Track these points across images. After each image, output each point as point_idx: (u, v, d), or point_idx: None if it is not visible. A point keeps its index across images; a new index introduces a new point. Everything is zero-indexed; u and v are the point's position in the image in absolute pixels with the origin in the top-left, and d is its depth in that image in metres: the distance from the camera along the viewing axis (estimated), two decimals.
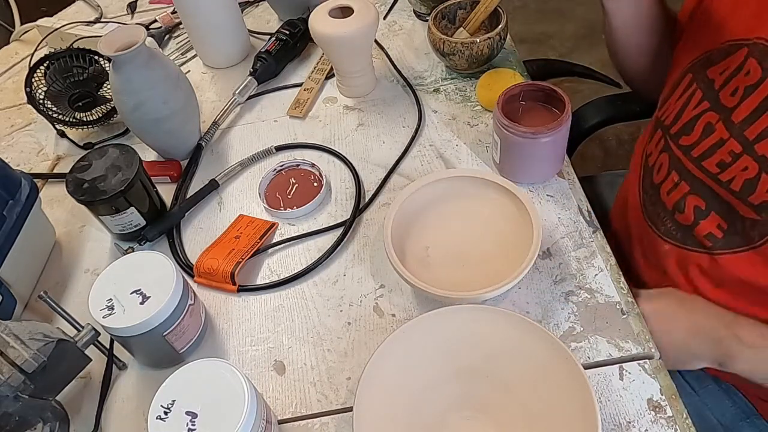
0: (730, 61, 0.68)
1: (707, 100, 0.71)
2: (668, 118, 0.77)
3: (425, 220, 0.74)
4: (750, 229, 0.66)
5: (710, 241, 0.71)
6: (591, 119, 1.01)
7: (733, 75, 0.68)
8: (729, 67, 0.68)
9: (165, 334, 0.64)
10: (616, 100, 1.02)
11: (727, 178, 0.67)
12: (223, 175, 0.87)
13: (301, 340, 0.70)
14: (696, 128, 0.72)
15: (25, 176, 0.78)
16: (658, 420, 0.59)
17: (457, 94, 0.93)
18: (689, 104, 0.73)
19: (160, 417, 0.52)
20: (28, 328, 0.59)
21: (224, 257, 0.75)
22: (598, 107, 1.02)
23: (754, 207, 0.65)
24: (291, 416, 0.64)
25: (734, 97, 0.67)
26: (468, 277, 0.69)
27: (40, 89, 0.93)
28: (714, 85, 0.70)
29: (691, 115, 0.73)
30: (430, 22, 0.91)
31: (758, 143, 0.64)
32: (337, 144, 0.90)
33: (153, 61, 0.80)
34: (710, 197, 0.70)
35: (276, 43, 1.01)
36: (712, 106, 0.70)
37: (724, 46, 0.70)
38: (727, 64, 0.69)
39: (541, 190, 0.79)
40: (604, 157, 1.85)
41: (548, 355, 0.58)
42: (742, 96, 0.66)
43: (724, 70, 0.69)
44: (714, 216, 0.70)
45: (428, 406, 0.61)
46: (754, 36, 0.66)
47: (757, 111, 0.64)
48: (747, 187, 0.65)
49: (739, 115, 0.66)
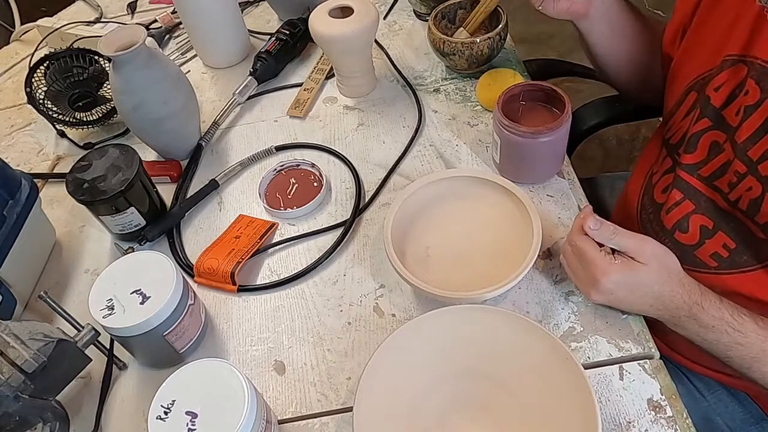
0: (729, 80, 0.68)
1: (709, 118, 0.70)
2: (674, 137, 0.76)
3: (425, 220, 0.74)
4: (759, 249, 0.66)
5: (716, 261, 0.70)
6: (589, 121, 1.00)
7: (734, 93, 0.67)
8: (726, 84, 0.68)
9: (165, 334, 0.64)
10: (614, 101, 1.02)
11: (735, 197, 0.67)
12: (223, 175, 0.87)
13: (301, 340, 0.70)
14: (700, 147, 0.71)
15: (25, 176, 0.78)
16: (658, 420, 0.59)
17: (457, 94, 0.93)
18: (695, 123, 0.72)
19: (160, 417, 0.52)
20: (28, 328, 0.59)
21: (224, 257, 0.75)
22: (595, 109, 1.02)
23: (760, 226, 0.65)
24: (291, 416, 0.64)
25: (737, 117, 0.67)
26: (468, 277, 0.69)
27: (40, 89, 0.93)
28: (714, 103, 0.69)
29: (695, 132, 0.72)
30: (430, 22, 0.91)
31: (761, 164, 0.63)
32: (337, 144, 0.90)
33: (153, 61, 0.80)
34: (719, 217, 0.69)
35: (276, 43, 1.01)
36: (716, 125, 0.69)
37: (724, 62, 0.69)
38: (724, 80, 0.69)
39: (541, 190, 0.79)
40: (604, 157, 1.85)
41: (548, 355, 0.58)
42: (743, 116, 0.66)
43: (719, 87, 0.69)
44: (721, 235, 0.70)
45: (428, 406, 0.61)
46: (751, 55, 0.66)
47: (759, 132, 0.64)
48: (752, 206, 0.65)
49: (742, 136, 0.66)
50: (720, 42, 0.70)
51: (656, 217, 0.77)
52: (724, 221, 0.69)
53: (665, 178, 0.77)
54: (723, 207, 0.69)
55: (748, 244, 0.67)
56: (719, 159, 0.69)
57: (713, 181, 0.70)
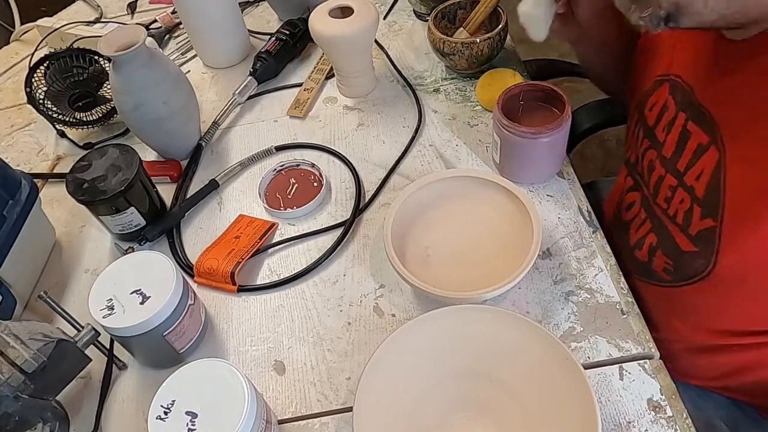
0: (657, 98, 0.71)
1: (647, 137, 0.73)
2: (631, 156, 0.78)
3: (425, 220, 0.74)
4: (693, 261, 0.65)
5: (668, 275, 0.70)
6: (584, 123, 1.00)
7: (661, 111, 0.70)
8: (657, 103, 0.71)
9: (165, 334, 0.64)
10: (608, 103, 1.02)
11: (672, 212, 0.67)
12: (223, 175, 0.87)
13: (301, 340, 0.70)
14: (645, 166, 0.73)
15: (25, 176, 0.78)
16: (658, 420, 0.59)
17: (457, 94, 0.93)
18: (639, 143, 0.75)
19: (160, 417, 0.52)
20: (28, 328, 0.59)
21: (224, 257, 0.75)
22: (590, 111, 1.02)
23: (691, 238, 0.65)
24: (291, 416, 0.64)
25: (663, 133, 0.69)
26: (468, 277, 0.69)
27: (40, 89, 0.94)
28: (648, 122, 0.72)
29: (640, 152, 0.74)
30: (430, 22, 0.91)
31: (685, 175, 0.65)
32: (337, 144, 0.90)
33: (153, 61, 0.80)
34: (662, 234, 0.70)
35: (276, 43, 1.01)
36: (651, 144, 0.72)
37: (653, 83, 0.72)
38: (655, 100, 0.71)
39: (541, 190, 0.79)
40: (604, 157, 1.85)
41: (548, 355, 0.58)
42: (666, 131, 0.68)
43: (653, 106, 0.72)
44: (660, 254, 0.71)
45: (428, 406, 0.61)
46: (673, 73, 0.68)
47: (680, 143, 0.66)
48: (685, 219, 0.65)
49: (668, 150, 0.68)
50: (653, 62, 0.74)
51: (625, 233, 0.78)
52: (665, 238, 0.69)
53: (629, 196, 0.78)
54: (665, 223, 0.69)
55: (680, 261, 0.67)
56: (653, 176, 0.71)
57: (656, 198, 0.70)
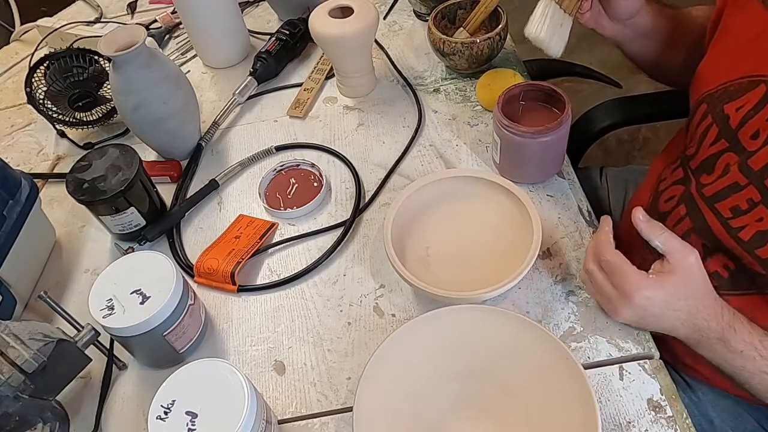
0: (748, 99, 0.63)
1: (725, 138, 0.65)
2: (689, 149, 0.72)
3: (425, 220, 0.74)
4: (756, 279, 0.63)
5: (716, 280, 0.66)
6: (600, 122, 0.99)
7: (751, 115, 0.62)
8: (746, 104, 0.63)
9: (165, 334, 0.64)
10: (626, 102, 1.00)
11: (738, 225, 0.62)
12: (223, 175, 0.87)
13: (301, 340, 0.70)
14: (716, 168, 0.66)
15: (25, 176, 0.78)
16: (658, 420, 0.59)
17: (457, 94, 0.93)
18: (706, 139, 0.68)
19: (160, 417, 0.52)
20: (28, 328, 0.59)
21: (224, 257, 0.75)
22: (607, 110, 1.00)
23: (760, 260, 0.61)
24: (291, 416, 0.64)
25: (755, 141, 0.61)
26: (468, 277, 0.69)
27: (40, 89, 0.93)
28: (730, 123, 0.65)
29: (709, 152, 0.67)
30: (430, 22, 0.91)
31: None
32: (337, 144, 0.90)
33: (153, 61, 0.80)
34: (712, 240, 0.66)
35: (276, 43, 1.01)
36: (731, 147, 0.64)
37: (742, 81, 0.64)
38: (745, 101, 0.63)
39: (541, 190, 0.79)
40: (604, 157, 1.85)
41: (548, 355, 0.58)
42: (764, 141, 0.60)
43: (740, 107, 0.64)
44: (721, 255, 0.66)
45: (428, 406, 0.61)
46: None
47: None
48: (758, 238, 0.61)
49: (759, 162, 0.60)
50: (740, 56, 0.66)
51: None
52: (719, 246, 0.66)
53: (673, 188, 0.74)
54: (717, 231, 0.65)
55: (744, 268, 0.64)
56: (724, 180, 0.65)
57: (714, 203, 0.66)
